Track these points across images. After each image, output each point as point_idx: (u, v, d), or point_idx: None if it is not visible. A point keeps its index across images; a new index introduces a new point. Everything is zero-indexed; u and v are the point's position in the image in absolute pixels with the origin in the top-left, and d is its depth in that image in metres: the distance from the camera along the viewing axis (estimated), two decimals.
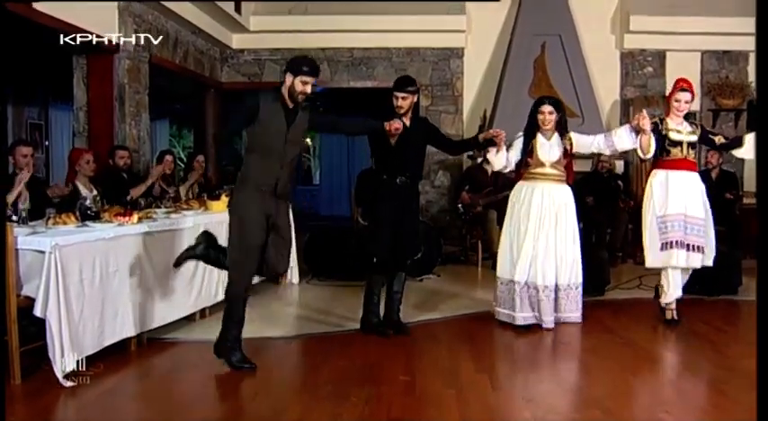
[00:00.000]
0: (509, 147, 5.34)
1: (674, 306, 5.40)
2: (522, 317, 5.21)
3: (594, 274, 6.42)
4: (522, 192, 5.32)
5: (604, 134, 5.49)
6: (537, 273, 5.19)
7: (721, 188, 8.19)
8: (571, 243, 5.30)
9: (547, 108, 5.29)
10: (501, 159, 5.30)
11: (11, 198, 4.69)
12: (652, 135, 5.23)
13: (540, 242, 5.19)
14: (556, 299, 5.24)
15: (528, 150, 5.29)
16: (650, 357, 4.72)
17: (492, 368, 4.43)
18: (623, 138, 5.35)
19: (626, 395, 3.86)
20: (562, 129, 5.35)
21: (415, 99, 5.02)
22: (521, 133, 5.40)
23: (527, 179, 5.33)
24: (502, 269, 5.37)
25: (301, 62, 4.14)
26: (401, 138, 4.87)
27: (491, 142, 5.20)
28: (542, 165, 5.28)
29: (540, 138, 5.30)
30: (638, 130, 5.24)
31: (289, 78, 4.09)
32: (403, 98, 4.93)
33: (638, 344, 4.89)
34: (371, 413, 3.47)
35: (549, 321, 5.18)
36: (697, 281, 5.91)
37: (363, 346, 4.76)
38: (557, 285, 5.23)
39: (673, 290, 5.35)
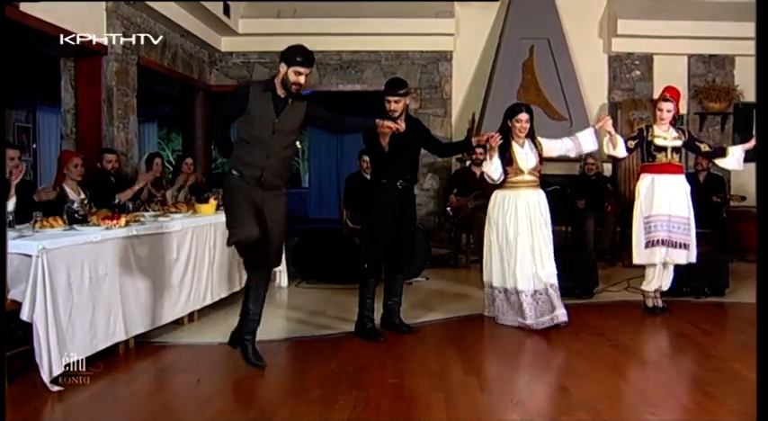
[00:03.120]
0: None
1: (652, 294, 5.84)
2: (538, 322, 5.20)
3: (583, 277, 6.45)
4: (505, 202, 5.34)
5: (570, 137, 5.63)
6: (531, 279, 5.21)
7: (709, 191, 8.28)
8: (550, 246, 5.35)
9: (524, 116, 5.31)
10: (498, 169, 5.27)
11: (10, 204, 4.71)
12: (617, 135, 5.66)
13: (536, 249, 5.24)
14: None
15: (507, 158, 5.29)
16: (638, 359, 4.74)
17: (480, 370, 4.44)
18: (588, 139, 5.58)
19: (614, 397, 3.87)
20: (532, 134, 5.40)
21: (408, 101, 4.99)
22: None
23: (508, 188, 5.35)
24: (497, 278, 5.37)
25: (295, 52, 4.04)
26: (398, 141, 4.82)
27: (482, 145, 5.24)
28: (522, 172, 5.31)
29: (514, 146, 5.32)
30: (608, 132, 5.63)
31: (283, 68, 4.05)
32: (396, 101, 4.86)
33: (627, 345, 4.90)
34: (360, 416, 3.47)
35: (541, 322, 5.20)
36: (685, 282, 6.04)
37: (352, 350, 4.76)
38: (546, 288, 5.25)
39: (656, 280, 5.78)
